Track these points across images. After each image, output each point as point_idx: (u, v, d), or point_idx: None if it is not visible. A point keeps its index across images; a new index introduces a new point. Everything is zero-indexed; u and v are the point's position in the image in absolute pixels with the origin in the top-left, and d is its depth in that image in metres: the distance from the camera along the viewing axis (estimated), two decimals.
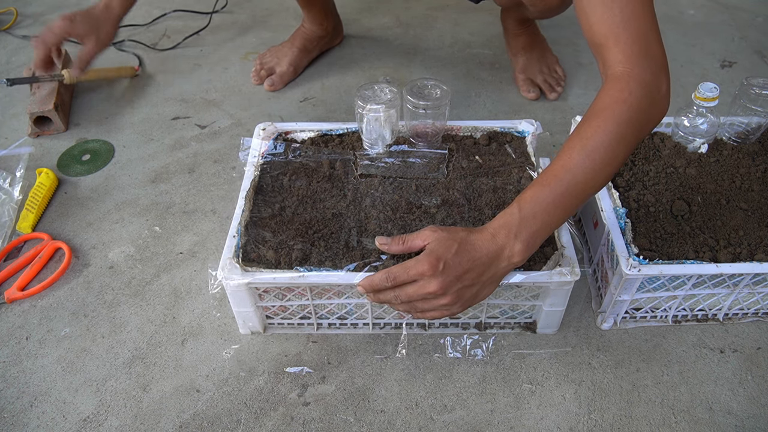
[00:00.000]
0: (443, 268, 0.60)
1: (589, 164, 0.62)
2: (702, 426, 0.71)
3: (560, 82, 1.25)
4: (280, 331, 0.80)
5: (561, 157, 0.64)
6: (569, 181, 0.62)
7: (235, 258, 0.71)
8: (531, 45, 1.25)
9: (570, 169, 0.62)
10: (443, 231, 0.63)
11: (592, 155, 0.62)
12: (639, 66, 0.64)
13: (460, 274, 0.61)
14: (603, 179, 0.64)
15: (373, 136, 0.87)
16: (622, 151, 0.63)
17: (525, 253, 0.62)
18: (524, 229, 0.62)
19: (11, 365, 0.78)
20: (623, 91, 0.63)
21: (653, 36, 0.65)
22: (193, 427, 0.71)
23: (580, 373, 0.76)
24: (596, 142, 0.62)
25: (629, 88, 0.63)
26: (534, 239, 0.62)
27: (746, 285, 0.75)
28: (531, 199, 0.63)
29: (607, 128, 0.62)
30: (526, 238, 0.62)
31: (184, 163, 1.09)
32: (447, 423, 0.71)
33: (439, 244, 0.61)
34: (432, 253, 0.61)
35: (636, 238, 0.75)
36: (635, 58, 0.64)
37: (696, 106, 0.85)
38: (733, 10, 1.57)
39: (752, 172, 0.85)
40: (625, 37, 0.64)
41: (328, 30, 1.32)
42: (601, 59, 0.67)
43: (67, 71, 1.19)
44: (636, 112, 0.63)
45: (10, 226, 0.95)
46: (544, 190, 0.62)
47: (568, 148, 0.63)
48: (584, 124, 0.64)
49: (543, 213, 0.62)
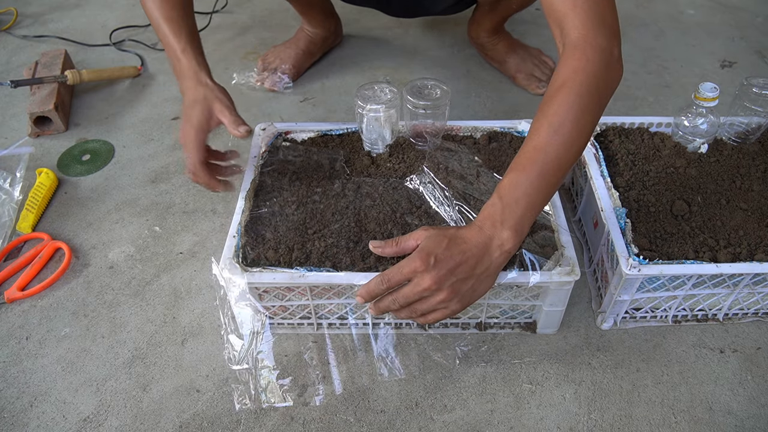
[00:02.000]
0: (434, 262, 0.61)
1: (558, 140, 0.63)
2: (702, 426, 0.71)
3: None
4: (280, 331, 0.80)
5: (531, 138, 0.65)
6: (542, 160, 0.63)
7: (235, 258, 0.71)
8: (511, 46, 1.28)
9: (541, 149, 0.63)
10: (433, 229, 0.65)
11: (560, 131, 0.63)
12: (593, 31, 0.66)
13: (452, 267, 0.61)
14: (575, 152, 0.65)
15: (373, 136, 0.87)
16: (589, 120, 0.65)
17: (515, 239, 0.63)
18: (509, 216, 0.63)
19: (11, 365, 0.78)
20: (580, 59, 0.65)
21: (608, 4, 0.68)
22: (193, 427, 0.71)
23: (580, 373, 0.76)
24: (561, 117, 0.63)
25: (586, 55, 0.65)
26: (521, 224, 0.63)
27: (746, 285, 0.75)
28: (509, 185, 0.64)
29: (570, 101, 0.63)
30: (513, 224, 0.63)
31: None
32: (447, 423, 0.71)
33: (430, 241, 0.63)
34: (423, 250, 0.62)
35: (636, 238, 0.75)
36: (590, 24, 0.66)
37: (696, 106, 0.85)
38: (733, 10, 1.57)
39: (752, 172, 0.85)
40: (582, 4, 0.67)
41: (331, 30, 1.32)
42: (559, 29, 0.69)
43: (70, 72, 1.19)
44: (594, 78, 0.64)
45: (10, 226, 0.95)
46: (521, 174, 0.63)
47: (536, 128, 0.65)
48: (548, 101, 0.65)
49: (524, 197, 0.63)
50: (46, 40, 1.46)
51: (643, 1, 1.61)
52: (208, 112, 0.80)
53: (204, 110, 0.80)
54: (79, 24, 1.53)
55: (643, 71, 1.33)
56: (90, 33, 1.48)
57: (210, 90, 0.81)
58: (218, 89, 0.82)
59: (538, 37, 1.43)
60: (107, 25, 1.50)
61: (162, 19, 0.82)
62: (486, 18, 1.22)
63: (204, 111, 0.80)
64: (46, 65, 1.23)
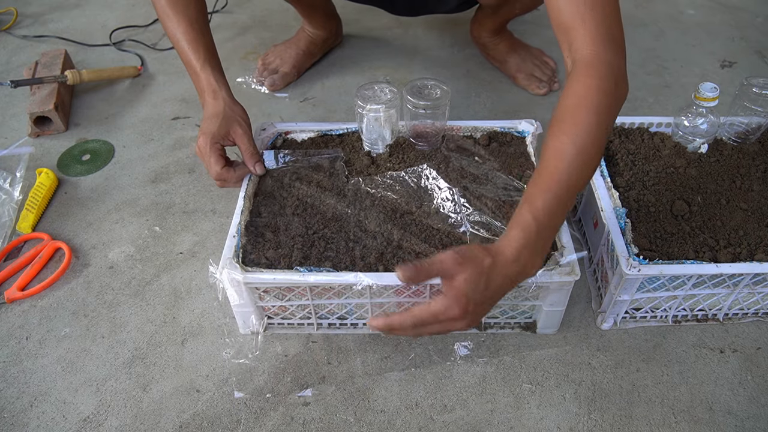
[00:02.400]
0: (473, 308, 0.59)
1: (581, 160, 0.62)
2: (702, 426, 0.71)
3: (555, 73, 1.28)
4: (280, 331, 0.80)
5: (555, 157, 0.63)
6: (567, 181, 0.62)
7: (235, 258, 0.71)
8: (513, 46, 1.28)
9: (565, 170, 0.62)
10: (469, 265, 0.58)
11: (583, 152, 0.62)
12: (603, 47, 0.66)
13: (485, 302, 0.60)
14: (593, 171, 0.66)
15: (373, 136, 0.87)
16: (604, 138, 0.65)
17: (541, 264, 0.63)
18: (543, 244, 0.62)
19: (11, 365, 0.78)
20: (594, 77, 0.64)
21: (615, 18, 0.68)
22: (193, 427, 0.71)
23: (580, 373, 0.76)
24: (584, 138, 0.62)
25: (599, 73, 0.64)
26: (547, 247, 0.63)
27: (746, 285, 0.75)
28: (544, 209, 0.61)
29: (590, 121, 0.63)
30: (544, 250, 0.62)
31: (184, 163, 1.09)
32: (447, 423, 0.71)
33: (468, 285, 0.58)
34: (462, 296, 0.58)
35: (636, 238, 0.75)
36: (600, 40, 0.66)
37: (696, 106, 0.85)
38: (733, 10, 1.57)
39: (752, 172, 0.85)
40: (591, 19, 0.66)
41: (332, 31, 1.32)
42: (567, 42, 0.69)
43: (70, 72, 1.19)
44: (607, 97, 0.64)
45: (10, 226, 0.95)
46: (551, 196, 0.61)
47: (559, 148, 0.63)
48: (567, 118, 0.64)
49: (553, 219, 0.61)
50: (46, 40, 1.46)
51: (643, 1, 1.61)
52: (226, 129, 0.82)
53: (222, 126, 0.82)
54: (79, 24, 1.53)
55: (643, 71, 1.33)
56: (90, 33, 1.48)
57: (230, 108, 0.83)
58: (238, 108, 0.85)
59: (539, 37, 1.43)
60: (107, 25, 1.50)
61: (181, 36, 0.84)
62: (488, 19, 1.22)
63: (222, 126, 0.82)
64: (46, 65, 1.23)
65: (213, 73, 0.85)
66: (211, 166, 0.81)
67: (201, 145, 0.81)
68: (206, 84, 0.84)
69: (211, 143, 0.80)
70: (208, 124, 0.82)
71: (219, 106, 0.82)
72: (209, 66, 0.85)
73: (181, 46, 0.85)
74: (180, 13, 0.84)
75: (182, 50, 0.85)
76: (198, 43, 0.84)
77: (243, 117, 0.84)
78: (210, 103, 0.83)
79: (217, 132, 0.81)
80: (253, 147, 0.83)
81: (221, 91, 0.84)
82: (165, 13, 0.84)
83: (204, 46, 0.85)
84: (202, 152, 0.81)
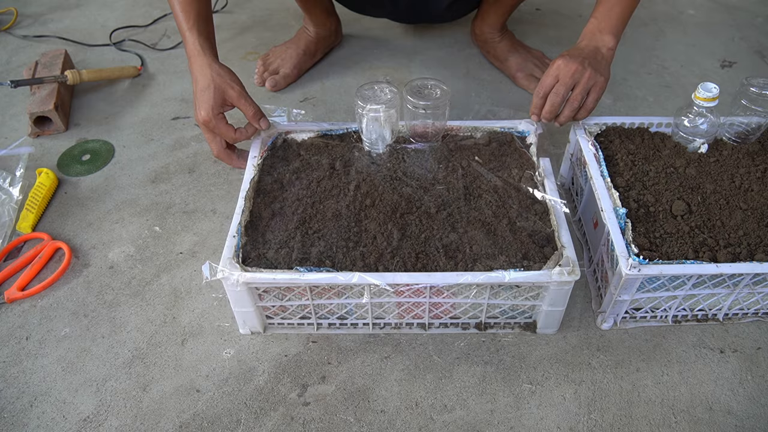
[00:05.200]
0: (569, 58, 0.85)
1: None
2: (702, 426, 0.71)
3: None
4: (280, 331, 0.80)
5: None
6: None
7: (235, 258, 0.71)
8: (514, 46, 1.29)
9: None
10: None
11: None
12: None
13: (582, 59, 0.85)
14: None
15: (373, 136, 0.87)
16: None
17: (614, 41, 0.90)
18: (605, 27, 0.90)
19: (11, 365, 0.78)
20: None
21: None
22: (193, 427, 0.71)
23: (580, 373, 0.76)
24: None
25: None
26: (616, 30, 0.90)
27: (746, 285, 0.75)
28: (602, 8, 0.91)
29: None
30: (609, 31, 0.89)
31: (184, 163, 1.09)
32: (447, 423, 0.71)
33: (556, 59, 0.87)
34: (562, 56, 0.86)
35: (636, 238, 0.75)
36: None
37: (696, 106, 0.85)
38: (733, 10, 1.57)
39: (752, 172, 0.85)
40: None
41: (331, 30, 1.32)
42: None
43: (70, 72, 1.19)
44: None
45: (10, 226, 0.95)
46: (609, 2, 0.90)
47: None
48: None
49: (615, 13, 0.90)
50: (46, 40, 1.46)
51: (643, 1, 1.60)
52: (221, 97, 0.86)
53: (217, 95, 0.85)
54: (79, 24, 1.53)
55: (643, 71, 1.33)
56: (90, 33, 1.48)
57: (218, 74, 0.86)
58: (225, 71, 0.87)
59: (539, 36, 1.43)
60: (107, 25, 1.50)
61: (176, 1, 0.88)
62: (491, 11, 1.23)
63: (217, 95, 0.85)
64: (46, 65, 1.23)
65: (199, 38, 0.87)
66: (224, 134, 0.85)
67: (205, 118, 0.84)
68: (191, 48, 0.87)
69: (214, 114, 0.84)
70: (203, 97, 0.85)
71: (206, 75, 0.85)
72: (196, 30, 0.87)
73: (175, 11, 0.88)
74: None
75: (176, 15, 0.89)
76: (190, 7, 0.87)
77: (233, 78, 0.87)
78: (198, 72, 0.86)
79: (214, 102, 0.84)
80: (253, 105, 0.87)
81: (206, 56, 0.86)
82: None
83: (195, 11, 0.88)
84: (209, 125, 0.85)
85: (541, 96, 0.86)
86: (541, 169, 0.83)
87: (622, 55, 1.37)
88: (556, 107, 0.87)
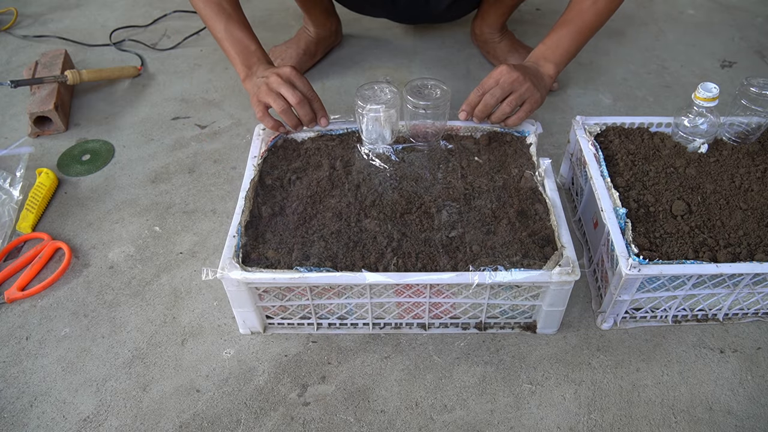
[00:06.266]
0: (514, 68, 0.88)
1: (596, 8, 0.94)
2: (702, 426, 0.71)
3: None
4: (280, 331, 0.80)
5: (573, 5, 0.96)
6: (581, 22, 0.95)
7: (235, 258, 0.71)
8: (514, 46, 1.29)
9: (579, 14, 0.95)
10: None
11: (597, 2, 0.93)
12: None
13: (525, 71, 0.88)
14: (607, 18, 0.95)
15: (373, 136, 0.87)
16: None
17: (555, 70, 0.95)
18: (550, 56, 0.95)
19: (11, 365, 0.78)
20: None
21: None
22: (193, 427, 0.71)
23: (580, 373, 0.76)
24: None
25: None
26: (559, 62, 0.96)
27: (746, 285, 0.75)
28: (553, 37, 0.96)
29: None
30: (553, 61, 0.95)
31: (184, 163, 1.09)
32: (447, 423, 0.71)
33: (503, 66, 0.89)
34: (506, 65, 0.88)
35: (636, 238, 0.75)
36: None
37: (696, 106, 0.85)
38: (733, 10, 1.57)
39: (752, 172, 0.85)
40: None
41: (331, 30, 1.32)
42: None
43: (70, 72, 1.19)
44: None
45: (10, 226, 0.95)
46: (562, 30, 0.96)
47: None
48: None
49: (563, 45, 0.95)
50: (46, 40, 1.46)
51: (643, 1, 1.61)
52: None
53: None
54: (79, 24, 1.53)
55: (643, 71, 1.33)
56: (90, 33, 1.48)
57: None
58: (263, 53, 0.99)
59: (539, 37, 1.42)
60: (107, 25, 1.50)
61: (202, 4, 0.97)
62: (491, 11, 1.23)
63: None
64: (46, 65, 1.23)
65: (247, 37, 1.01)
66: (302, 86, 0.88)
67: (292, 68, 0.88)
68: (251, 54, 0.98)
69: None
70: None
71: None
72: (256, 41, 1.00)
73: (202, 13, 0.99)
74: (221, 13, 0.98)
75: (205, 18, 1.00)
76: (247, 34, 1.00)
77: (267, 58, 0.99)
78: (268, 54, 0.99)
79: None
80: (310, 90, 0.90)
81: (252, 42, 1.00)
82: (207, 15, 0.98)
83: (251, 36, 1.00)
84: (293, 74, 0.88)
85: (479, 95, 0.88)
86: (541, 169, 0.83)
87: (622, 55, 1.38)
88: (489, 108, 0.88)
